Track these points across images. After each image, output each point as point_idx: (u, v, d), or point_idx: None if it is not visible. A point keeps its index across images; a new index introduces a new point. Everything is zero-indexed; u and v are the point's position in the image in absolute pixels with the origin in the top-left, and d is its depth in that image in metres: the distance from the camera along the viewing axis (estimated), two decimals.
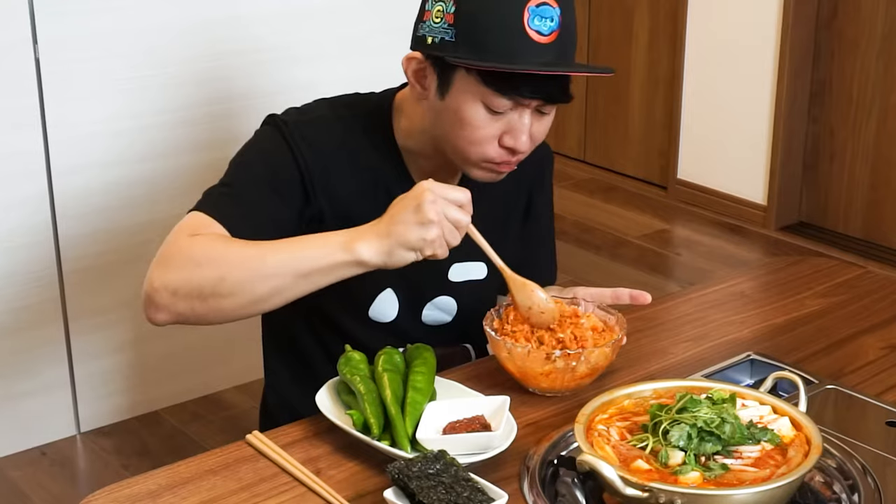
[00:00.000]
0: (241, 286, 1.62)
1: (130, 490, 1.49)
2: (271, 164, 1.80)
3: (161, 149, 3.19)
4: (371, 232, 1.61)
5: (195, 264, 1.63)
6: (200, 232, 1.69)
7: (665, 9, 5.15)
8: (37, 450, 3.20)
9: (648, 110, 5.32)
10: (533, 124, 1.75)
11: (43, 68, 2.96)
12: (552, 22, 1.68)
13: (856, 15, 4.55)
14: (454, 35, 1.69)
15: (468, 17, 1.68)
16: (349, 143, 1.84)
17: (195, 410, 3.41)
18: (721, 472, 1.37)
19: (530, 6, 1.66)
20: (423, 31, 1.75)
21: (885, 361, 1.86)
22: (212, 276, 1.62)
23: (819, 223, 4.86)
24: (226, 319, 1.68)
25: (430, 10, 1.74)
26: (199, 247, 1.65)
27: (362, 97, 1.93)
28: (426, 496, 1.37)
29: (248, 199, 1.77)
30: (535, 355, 1.66)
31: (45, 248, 3.08)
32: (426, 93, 1.78)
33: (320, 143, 1.82)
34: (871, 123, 4.58)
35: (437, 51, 1.72)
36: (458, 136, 1.75)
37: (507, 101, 1.70)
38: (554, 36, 1.68)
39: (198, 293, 1.63)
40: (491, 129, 1.73)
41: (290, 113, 1.88)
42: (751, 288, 2.19)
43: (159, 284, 1.64)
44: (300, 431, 1.62)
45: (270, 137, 1.83)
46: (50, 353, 3.17)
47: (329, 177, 1.81)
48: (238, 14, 3.23)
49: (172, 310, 1.65)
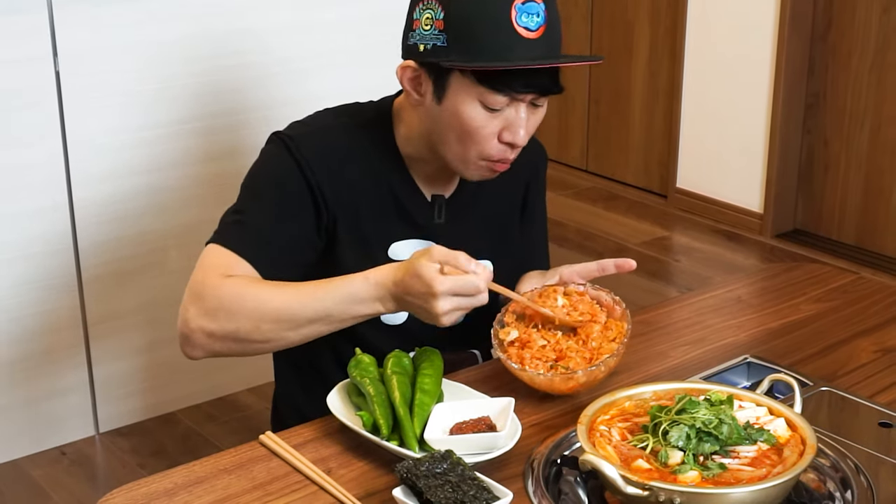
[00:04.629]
0: (274, 334, 1.68)
1: (147, 489, 1.49)
2: (280, 184, 1.80)
3: (175, 159, 3.19)
4: (392, 301, 1.65)
5: (229, 312, 1.67)
6: (230, 272, 1.71)
7: (665, 23, 5.15)
8: (57, 450, 3.20)
9: (649, 121, 5.32)
10: (529, 118, 1.76)
11: (63, 81, 2.96)
12: (538, 17, 1.69)
13: (849, 29, 4.54)
14: (445, 40, 1.71)
15: (458, 21, 1.69)
16: (354, 151, 1.84)
17: (210, 412, 3.41)
18: (719, 471, 1.37)
19: (517, 4, 1.67)
20: (414, 40, 1.76)
21: (878, 364, 1.86)
22: (246, 325, 1.67)
23: (813, 231, 4.85)
24: (259, 354, 1.76)
25: (419, 19, 1.74)
26: (233, 292, 1.68)
27: (362, 105, 1.93)
28: (433, 494, 1.37)
29: (263, 225, 1.78)
30: (560, 379, 1.66)
31: (65, 256, 3.08)
32: (422, 99, 1.79)
33: (326, 153, 1.82)
34: (864, 134, 4.57)
35: (431, 57, 1.73)
36: (458, 137, 1.76)
37: (503, 98, 1.71)
38: (542, 31, 1.70)
39: (233, 338, 1.68)
40: (490, 127, 1.74)
41: (294, 126, 1.88)
42: (748, 293, 2.19)
43: (195, 326, 1.69)
44: (311, 432, 1.62)
45: (276, 156, 1.83)
46: (70, 356, 3.17)
47: (337, 185, 1.81)
48: (250, 27, 3.23)
49: (208, 349, 1.71)
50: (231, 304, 1.67)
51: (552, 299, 1.77)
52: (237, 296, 1.67)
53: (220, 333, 1.68)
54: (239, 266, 1.72)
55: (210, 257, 1.75)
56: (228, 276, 1.70)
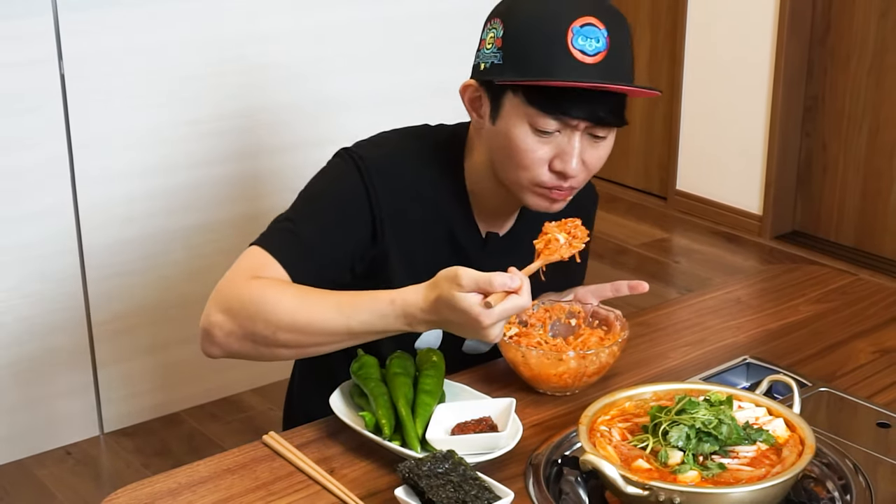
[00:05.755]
0: (294, 340, 1.61)
1: (151, 488, 1.49)
2: (341, 200, 1.74)
3: (181, 161, 3.19)
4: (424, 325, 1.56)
5: (249, 314, 1.60)
6: (261, 274, 1.65)
7: (665, 27, 5.15)
8: (62, 449, 3.20)
9: (649, 124, 5.32)
10: (585, 150, 1.67)
11: (68, 84, 2.97)
12: (598, 42, 1.61)
13: (848, 32, 4.54)
14: (502, 58, 1.65)
15: (514, 39, 1.63)
16: (421, 181, 1.78)
17: (214, 412, 3.41)
18: (718, 471, 1.37)
19: (574, 26, 1.60)
20: (478, 59, 1.71)
21: (876, 365, 1.86)
22: (265, 328, 1.60)
23: (812, 232, 4.85)
24: (274, 360, 1.67)
25: (485, 38, 1.69)
26: (256, 295, 1.61)
27: (435, 130, 1.86)
28: (435, 494, 1.37)
29: (311, 238, 1.71)
30: (549, 358, 1.66)
31: (70, 257, 3.08)
32: (482, 121, 1.73)
33: (394, 183, 1.75)
34: (863, 137, 4.57)
35: (488, 75, 1.68)
36: (511, 160, 1.69)
37: (552, 122, 1.64)
38: (600, 57, 1.61)
39: (251, 339, 1.62)
40: (540, 153, 1.66)
41: (365, 147, 1.80)
42: (747, 294, 2.19)
43: (215, 321, 1.63)
44: (314, 432, 1.62)
45: (346, 173, 1.75)
46: (75, 357, 3.17)
47: (399, 220, 1.75)
48: (254, 31, 3.23)
49: (226, 348, 1.64)
50: (252, 306, 1.60)
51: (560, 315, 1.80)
52: (260, 298, 1.60)
53: (238, 333, 1.62)
54: (271, 269, 1.66)
55: (247, 258, 1.69)
56: (257, 277, 1.64)
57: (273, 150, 3.34)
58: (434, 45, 3.55)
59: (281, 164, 3.34)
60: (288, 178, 3.29)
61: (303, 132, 3.37)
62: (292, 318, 1.59)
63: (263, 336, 1.60)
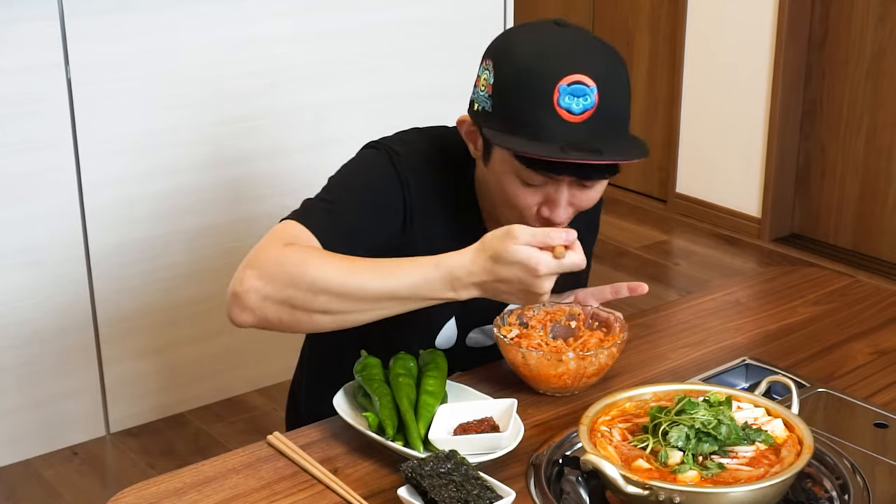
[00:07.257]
0: (335, 306, 1.55)
1: (157, 488, 1.49)
2: (376, 187, 1.73)
3: (186, 164, 3.20)
4: (474, 289, 1.54)
5: (290, 276, 1.54)
6: (294, 243, 1.59)
7: (664, 32, 5.15)
8: (68, 450, 3.21)
9: (649, 128, 5.32)
10: (575, 195, 1.67)
11: (74, 89, 2.97)
12: (586, 101, 1.58)
13: (846, 37, 4.54)
14: (491, 106, 1.63)
15: (503, 90, 1.62)
16: (441, 180, 1.78)
17: (219, 412, 3.41)
18: (718, 470, 1.37)
19: (561, 85, 1.57)
20: (473, 96, 1.70)
21: (874, 366, 1.85)
22: (306, 293, 1.54)
23: (811, 235, 4.85)
24: (309, 331, 1.62)
25: (481, 77, 1.68)
26: (298, 258, 1.55)
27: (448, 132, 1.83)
28: (438, 494, 1.37)
29: (346, 215, 1.68)
30: (549, 359, 1.66)
31: (76, 259, 3.08)
32: (478, 153, 1.73)
33: (421, 178, 1.75)
34: (860, 140, 4.57)
35: (479, 119, 1.67)
36: (501, 199, 1.70)
37: (538, 177, 1.63)
38: (587, 115, 1.59)
39: (289, 304, 1.55)
40: (528, 199, 1.66)
41: (393, 141, 1.79)
42: (746, 296, 2.19)
43: (250, 286, 1.55)
44: (318, 432, 1.62)
45: (380, 163, 1.75)
46: (81, 358, 3.17)
47: (424, 215, 1.75)
48: (259, 35, 3.24)
49: (259, 314, 1.57)
50: (294, 268, 1.53)
51: (560, 317, 1.80)
52: (302, 261, 1.54)
53: (275, 297, 1.54)
54: (306, 240, 1.61)
55: (281, 229, 1.63)
56: (291, 244, 1.59)
57: (275, 154, 3.34)
58: (435, 50, 3.55)
59: (283, 167, 3.34)
60: (290, 182, 3.29)
61: (305, 136, 3.37)
62: (336, 281, 1.53)
63: (303, 301, 1.54)
